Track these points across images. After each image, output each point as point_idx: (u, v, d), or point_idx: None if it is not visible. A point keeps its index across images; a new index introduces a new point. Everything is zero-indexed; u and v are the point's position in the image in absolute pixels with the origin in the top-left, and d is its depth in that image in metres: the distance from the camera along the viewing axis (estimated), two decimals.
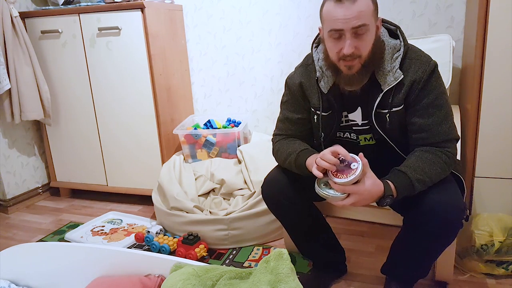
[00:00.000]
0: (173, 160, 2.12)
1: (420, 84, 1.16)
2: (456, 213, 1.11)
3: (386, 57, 1.17)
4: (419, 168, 1.13)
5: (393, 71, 1.16)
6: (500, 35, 1.48)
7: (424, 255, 1.24)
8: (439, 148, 1.17)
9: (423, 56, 1.19)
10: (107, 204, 2.43)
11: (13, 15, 2.12)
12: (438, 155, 1.15)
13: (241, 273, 1.03)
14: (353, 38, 1.09)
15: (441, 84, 1.19)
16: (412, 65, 1.17)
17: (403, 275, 1.36)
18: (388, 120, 1.21)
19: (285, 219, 1.44)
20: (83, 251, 1.23)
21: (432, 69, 1.17)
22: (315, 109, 1.30)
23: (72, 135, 2.39)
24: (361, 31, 1.08)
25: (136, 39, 2.08)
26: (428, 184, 1.13)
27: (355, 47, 1.10)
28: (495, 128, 1.57)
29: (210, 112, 2.53)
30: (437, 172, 1.14)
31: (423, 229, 1.16)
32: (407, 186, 1.11)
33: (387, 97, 1.19)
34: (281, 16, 2.22)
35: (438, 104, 1.17)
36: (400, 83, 1.17)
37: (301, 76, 1.32)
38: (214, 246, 1.82)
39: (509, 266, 1.47)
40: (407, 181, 1.11)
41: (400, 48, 1.18)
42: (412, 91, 1.17)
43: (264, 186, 1.38)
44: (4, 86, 2.11)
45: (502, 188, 1.61)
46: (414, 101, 1.18)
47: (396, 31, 1.22)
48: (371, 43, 1.13)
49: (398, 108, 1.20)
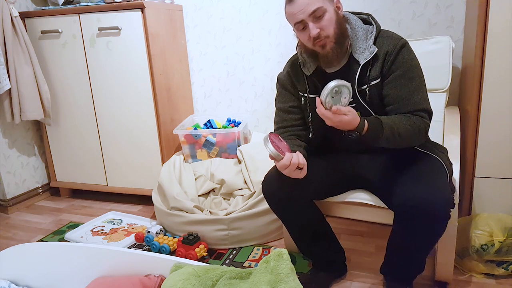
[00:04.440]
0: (173, 160, 2.12)
1: (392, 55, 1.26)
2: (442, 206, 1.13)
3: (360, 38, 1.29)
4: (391, 119, 1.22)
5: (368, 47, 1.28)
6: (500, 35, 1.48)
7: (417, 250, 1.27)
8: (411, 115, 1.25)
9: (395, 35, 1.31)
10: (107, 204, 2.43)
11: (13, 15, 2.12)
12: (408, 117, 1.24)
13: (241, 273, 1.03)
14: (314, 22, 1.23)
15: (413, 58, 1.28)
16: (385, 41, 1.29)
17: (401, 273, 1.39)
18: (368, 93, 1.29)
19: (285, 217, 1.45)
20: (83, 251, 1.23)
21: (403, 44, 1.27)
22: (302, 92, 1.41)
23: (72, 135, 2.39)
24: (318, 13, 1.21)
25: (136, 39, 2.08)
26: (396, 136, 1.19)
27: (320, 28, 1.23)
28: (495, 128, 1.57)
29: (210, 112, 2.53)
30: (406, 128, 1.21)
31: (412, 225, 1.19)
32: (377, 127, 1.19)
33: (365, 72, 1.29)
34: (281, 16, 2.22)
35: (409, 76, 1.26)
36: (375, 57, 1.28)
37: (288, 67, 1.45)
38: (214, 246, 1.83)
39: (509, 266, 1.47)
40: (378, 123, 1.19)
41: (373, 30, 1.31)
42: (385, 63, 1.28)
43: (264, 183, 1.39)
44: (4, 86, 2.11)
45: (502, 188, 1.61)
46: (387, 73, 1.28)
47: (368, 18, 1.34)
48: (333, 22, 1.24)
49: (376, 81, 1.29)
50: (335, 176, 1.42)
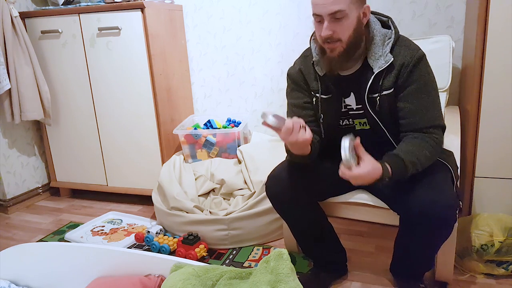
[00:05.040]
0: (173, 160, 2.12)
1: (409, 67, 1.21)
2: (449, 211, 1.14)
3: (377, 43, 1.23)
4: (410, 151, 1.18)
5: (384, 55, 1.23)
6: (500, 35, 1.48)
7: (425, 250, 1.28)
8: (426, 134, 1.22)
9: (412, 44, 1.25)
10: (107, 204, 2.43)
11: (13, 15, 2.12)
12: (425, 140, 1.21)
13: (241, 273, 1.03)
14: (331, 22, 1.16)
15: (429, 72, 1.24)
16: (402, 50, 1.23)
17: (410, 271, 1.40)
18: (378, 103, 1.26)
19: (288, 217, 1.45)
20: (83, 251, 1.23)
21: (421, 56, 1.22)
22: (314, 92, 1.35)
23: (72, 135, 2.39)
24: (338, 15, 1.14)
25: (136, 39, 2.08)
26: (419, 167, 1.17)
27: (334, 31, 1.17)
28: (495, 128, 1.57)
29: (210, 112, 2.53)
30: (426, 156, 1.18)
31: (419, 230, 1.19)
32: (401, 167, 1.15)
33: (378, 80, 1.24)
34: (281, 16, 2.22)
35: (426, 90, 1.22)
36: (390, 66, 1.22)
37: (300, 64, 1.39)
38: (214, 246, 1.82)
39: (509, 266, 1.47)
40: (401, 163, 1.15)
41: (391, 36, 1.25)
42: (401, 75, 1.23)
43: (268, 183, 1.39)
44: (4, 86, 2.11)
45: (502, 188, 1.61)
46: (402, 85, 1.23)
47: (388, 21, 1.29)
48: (351, 28, 1.17)
49: (388, 92, 1.25)
50: (339, 178, 1.42)
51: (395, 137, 1.30)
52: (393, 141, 1.30)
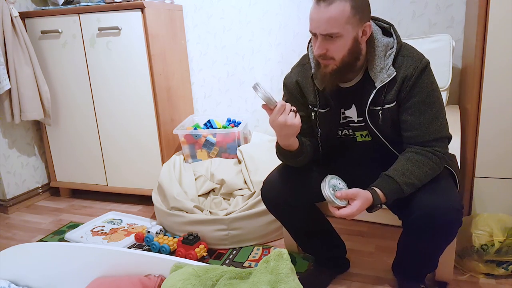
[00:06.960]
0: (173, 160, 2.12)
1: (411, 80, 1.17)
2: (453, 215, 1.12)
3: (379, 55, 1.18)
4: (408, 171, 1.15)
5: (386, 68, 1.18)
6: (500, 35, 1.48)
7: (430, 254, 1.27)
8: (429, 148, 1.18)
9: (415, 53, 1.20)
10: (107, 204, 2.43)
11: (13, 15, 2.12)
12: (427, 156, 1.17)
13: (241, 273, 1.03)
14: (324, 41, 1.12)
15: (433, 82, 1.19)
16: (405, 62, 1.18)
17: (413, 272, 1.39)
18: (381, 117, 1.22)
19: (285, 221, 1.45)
20: (83, 251, 1.23)
21: (424, 67, 1.17)
22: (312, 106, 1.31)
23: (72, 135, 2.39)
24: (333, 35, 1.10)
25: (136, 39, 2.08)
26: (418, 186, 1.15)
27: (327, 50, 1.13)
28: (495, 128, 1.57)
29: (210, 112, 2.53)
30: (426, 173, 1.16)
31: (425, 234, 1.18)
32: (395, 190, 1.14)
33: (380, 94, 1.20)
34: (281, 16, 2.22)
35: (429, 102, 1.18)
36: (393, 79, 1.18)
37: (297, 75, 1.33)
38: (214, 246, 1.82)
39: (509, 266, 1.47)
40: (395, 186, 1.13)
41: (393, 45, 1.19)
42: (403, 88, 1.18)
43: (263, 189, 1.38)
44: (4, 86, 2.11)
45: (502, 188, 1.61)
46: (405, 98, 1.19)
47: (390, 29, 1.23)
48: (345, 49, 1.13)
49: (390, 105, 1.21)
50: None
51: (397, 148, 1.27)
52: (395, 151, 1.27)
